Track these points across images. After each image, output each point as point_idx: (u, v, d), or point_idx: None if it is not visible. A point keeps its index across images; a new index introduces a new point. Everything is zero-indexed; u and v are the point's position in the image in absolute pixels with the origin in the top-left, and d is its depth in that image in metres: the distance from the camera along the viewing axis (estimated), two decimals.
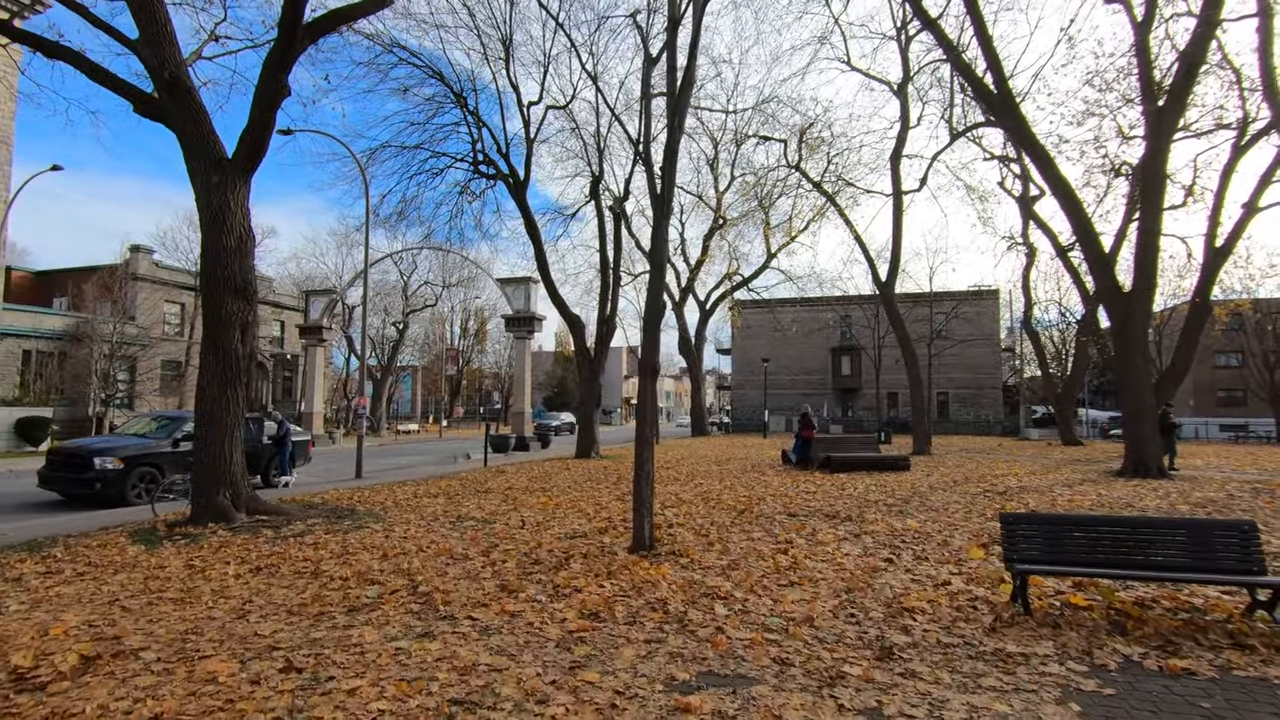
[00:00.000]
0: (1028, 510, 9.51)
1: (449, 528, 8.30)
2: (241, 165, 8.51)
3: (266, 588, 5.70)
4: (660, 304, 7.04)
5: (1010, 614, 4.77)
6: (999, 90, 14.92)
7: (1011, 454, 23.34)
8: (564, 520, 8.77)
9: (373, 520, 8.87)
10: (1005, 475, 14.82)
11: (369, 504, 10.55)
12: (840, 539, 7.55)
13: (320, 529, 8.23)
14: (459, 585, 5.62)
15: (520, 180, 19.38)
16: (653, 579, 5.75)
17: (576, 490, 12.26)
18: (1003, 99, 14.88)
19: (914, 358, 22.26)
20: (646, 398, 7.03)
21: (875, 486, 12.55)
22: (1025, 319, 31.43)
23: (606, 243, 21.26)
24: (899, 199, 21.95)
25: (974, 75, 15.93)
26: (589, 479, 14.31)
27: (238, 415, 8.61)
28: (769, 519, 8.88)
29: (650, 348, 7.04)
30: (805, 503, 10.40)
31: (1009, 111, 14.83)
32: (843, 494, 11.46)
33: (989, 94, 15.62)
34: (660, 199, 7.09)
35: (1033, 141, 14.93)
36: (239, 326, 8.57)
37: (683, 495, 11.30)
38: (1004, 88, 14.88)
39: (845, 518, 8.94)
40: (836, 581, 5.75)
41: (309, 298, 34.00)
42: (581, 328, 21.05)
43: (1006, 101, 14.87)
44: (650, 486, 6.94)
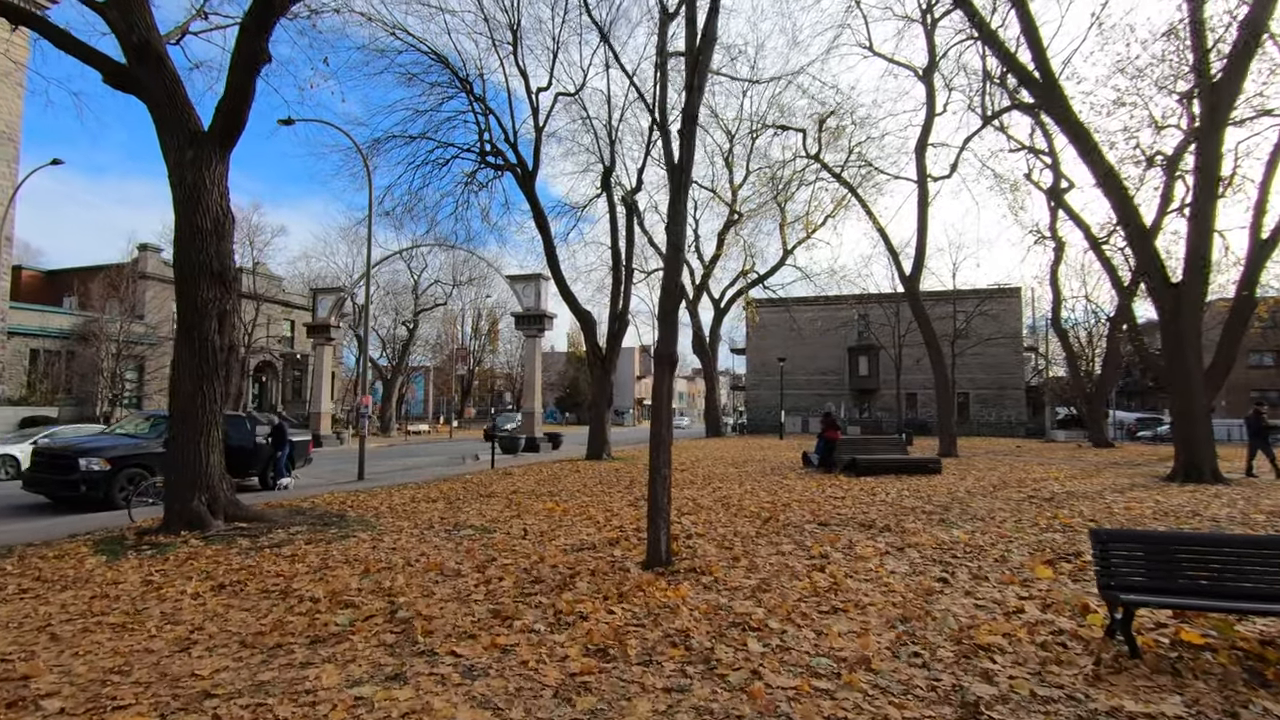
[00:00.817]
0: (1083, 519, 8.58)
1: (444, 537, 7.52)
2: (218, 139, 7.79)
3: (224, 611, 4.93)
4: (678, 287, 6.21)
5: (1112, 655, 3.89)
6: (1040, 69, 13.95)
7: (1043, 456, 22.26)
8: (571, 529, 7.96)
9: (362, 528, 8.11)
10: (1045, 479, 13.83)
11: (362, 509, 9.80)
12: (882, 553, 6.68)
13: (302, 538, 7.47)
14: (445, 610, 4.82)
15: (529, 170, 18.63)
16: (671, 603, 4.92)
17: (586, 495, 11.45)
18: (1044, 78, 13.92)
19: (940, 356, 21.26)
20: (663, 393, 6.20)
21: (908, 492, 11.63)
22: (1053, 316, 30.26)
23: (619, 236, 20.47)
24: (924, 189, 20.97)
25: (1011, 55, 14.97)
26: (600, 482, 13.50)
27: (215, 413, 7.88)
28: (798, 529, 8.02)
29: (667, 336, 6.21)
30: (835, 510, 9.52)
31: (1051, 92, 13.86)
32: (874, 500, 10.56)
33: (1027, 74, 14.65)
34: (678, 169, 6.26)
35: (1076, 124, 13.95)
36: (216, 315, 7.84)
37: (700, 501, 10.46)
38: (1045, 66, 13.90)
39: (883, 528, 8.06)
40: (888, 608, 4.89)
41: (317, 296, 33.48)
42: (593, 325, 20.26)
43: (1048, 81, 13.91)
44: (667, 493, 6.11)
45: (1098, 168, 14.03)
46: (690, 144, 6.17)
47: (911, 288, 21.45)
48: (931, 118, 20.91)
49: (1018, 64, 14.80)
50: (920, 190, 20.98)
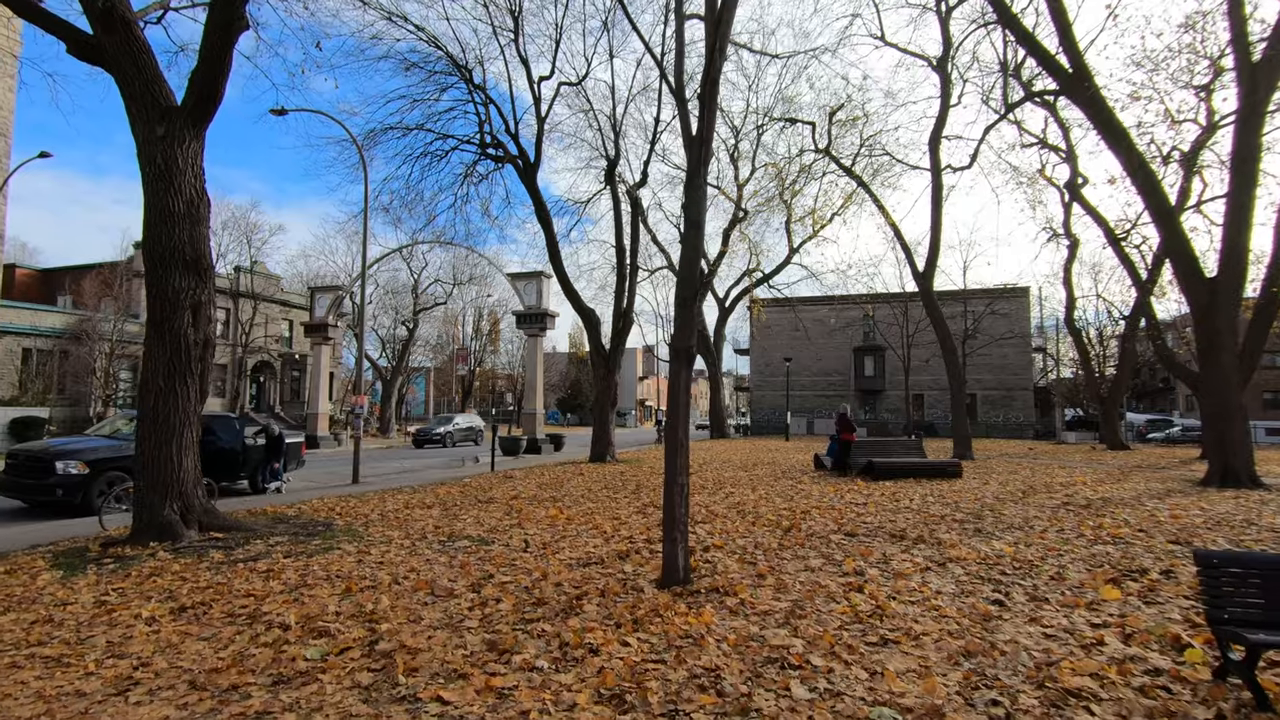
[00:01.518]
0: (1130, 529, 7.91)
1: (437, 550, 6.86)
2: (191, 114, 7.15)
3: (180, 641, 4.28)
4: (697, 270, 5.56)
5: (1233, 705, 3.22)
6: (1068, 54, 13.29)
7: (1059, 459, 21.57)
8: (576, 540, 7.30)
9: (348, 539, 7.45)
10: (1072, 484, 13.15)
11: (351, 516, 9.14)
12: (921, 569, 6.01)
13: (282, 550, 6.82)
14: (434, 640, 4.16)
15: (530, 162, 17.99)
16: (694, 632, 4.26)
17: (591, 500, 10.79)
18: (1074, 64, 13.25)
19: (954, 355, 20.59)
20: (680, 391, 5.54)
21: (932, 498, 10.96)
22: (1067, 316, 29.56)
23: (623, 231, 19.83)
24: (939, 182, 20.31)
25: (1035, 40, 14.31)
26: (605, 487, 12.84)
27: (189, 413, 7.24)
28: (823, 539, 7.35)
29: (685, 326, 5.56)
30: (859, 518, 8.85)
31: (1080, 78, 13.19)
32: (899, 507, 9.89)
33: (1052, 61, 14.00)
34: (697, 140, 5.61)
35: (1107, 113, 13.29)
36: (190, 307, 7.19)
37: (714, 508, 9.79)
38: (1074, 51, 13.24)
39: (916, 539, 7.39)
40: (945, 638, 4.22)
41: (314, 294, 32.84)
42: (596, 322, 19.61)
43: (1078, 67, 13.24)
44: (685, 503, 5.45)
45: (1129, 158, 13.37)
46: (711, 112, 5.52)
47: (925, 285, 20.77)
48: (946, 109, 20.25)
49: (1042, 49, 14.14)
50: (934, 183, 20.32)
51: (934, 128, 20.42)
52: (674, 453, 5.51)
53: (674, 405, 5.57)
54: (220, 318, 41.48)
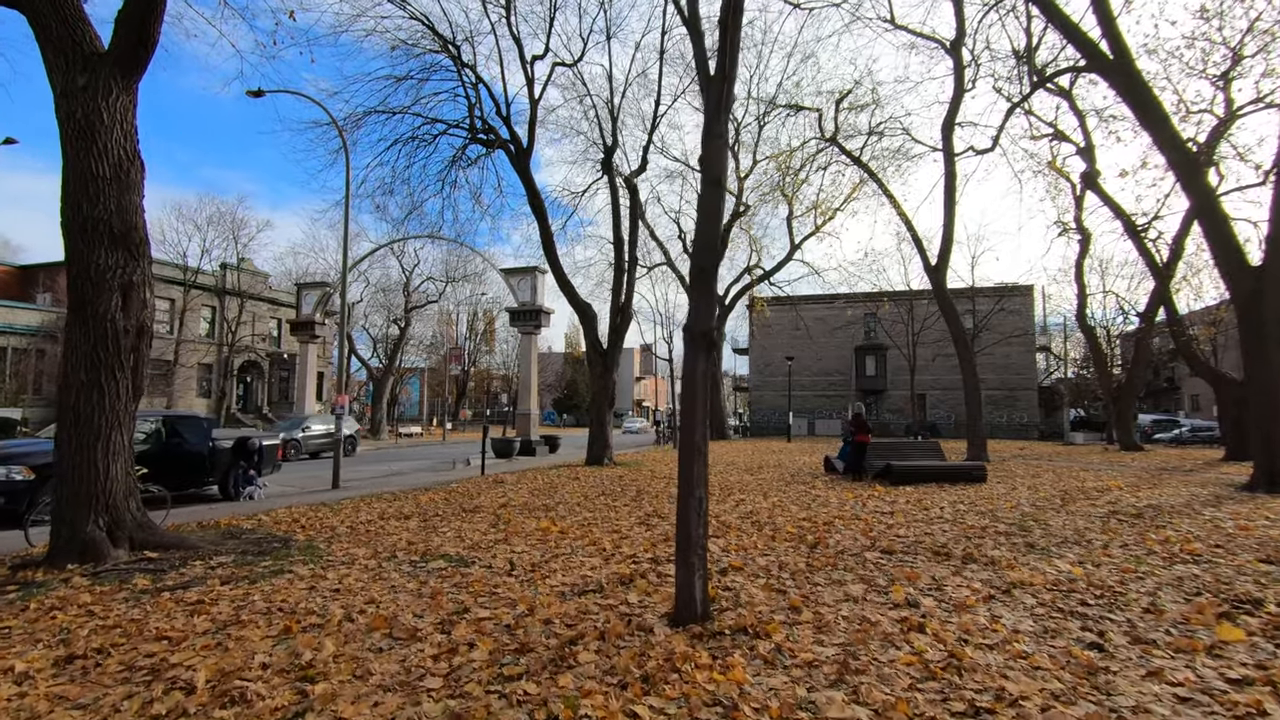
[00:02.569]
0: (1204, 544, 6.93)
1: (406, 574, 5.82)
2: (119, 62, 6.11)
3: (47, 712, 3.24)
4: (718, 236, 4.55)
5: None
6: (1105, 28, 12.34)
7: (1078, 460, 20.65)
8: (570, 560, 6.27)
9: (306, 558, 6.41)
10: (1107, 489, 12.19)
11: (317, 529, 8.10)
12: (984, 597, 5.01)
13: (222, 574, 5.78)
14: (379, 712, 3.14)
15: (523, 147, 16.97)
16: (723, 696, 3.25)
17: (587, 509, 9.77)
18: (1109, 39, 12.30)
19: (969, 353, 19.65)
20: (696, 384, 4.53)
21: (963, 505, 9.98)
22: (1078, 312, 28.67)
23: (621, 222, 18.82)
24: (952, 170, 19.36)
25: (1064, 15, 13.35)
26: (602, 493, 11.82)
27: (118, 412, 6.19)
28: (856, 558, 6.34)
29: (704, 306, 4.55)
30: (890, 530, 7.85)
31: (1119, 57, 12.24)
32: (930, 516, 8.90)
33: (1082, 36, 13.05)
34: (718, 78, 4.61)
35: (1145, 94, 12.34)
36: (119, 288, 6.15)
37: (726, 518, 8.77)
38: (1109, 24, 12.30)
39: (963, 557, 6.38)
40: (1051, 704, 3.21)
41: (301, 291, 31.80)
42: (593, 318, 18.60)
43: (1114, 41, 12.29)
44: (703, 523, 4.45)
45: (1168, 142, 12.44)
46: (734, 42, 4.51)
47: (938, 278, 19.82)
48: (960, 94, 19.30)
49: (1072, 24, 13.18)
50: (948, 171, 19.37)
51: (947, 113, 19.48)
52: (690, 459, 4.50)
53: (690, 401, 4.55)
54: (205, 316, 40.35)
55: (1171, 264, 22.89)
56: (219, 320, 40.40)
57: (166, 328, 37.57)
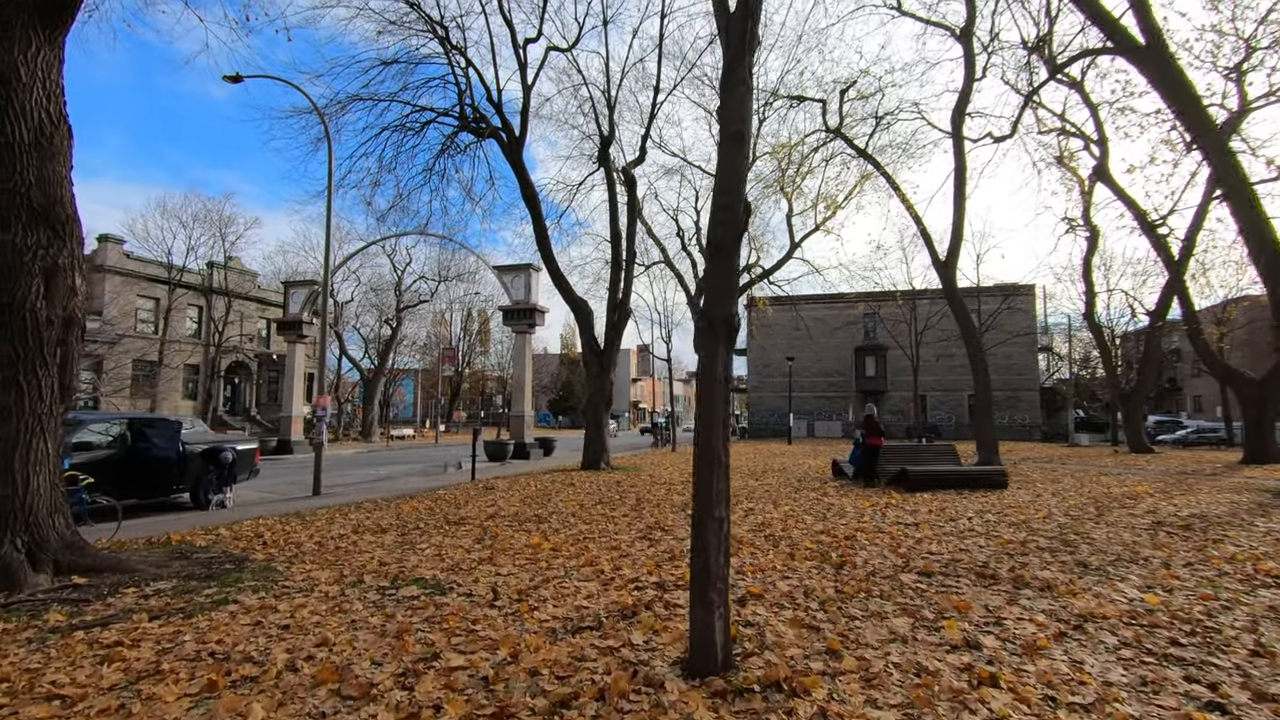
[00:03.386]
0: (1277, 562, 6.16)
1: (372, 603, 5.00)
2: (40, 10, 5.28)
3: None
4: (739, 203, 3.76)
5: None
6: (1137, 10, 11.60)
7: (1093, 463, 19.92)
8: (564, 585, 5.45)
9: (258, 584, 5.57)
10: (1137, 495, 11.44)
11: (280, 545, 7.25)
12: (1054, 635, 4.22)
13: (156, 605, 4.94)
14: None
15: (515, 137, 16.15)
16: None
17: (583, 520, 8.95)
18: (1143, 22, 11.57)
19: (980, 350, 18.89)
20: (716, 379, 3.73)
21: (991, 515, 9.20)
22: (1087, 311, 27.97)
23: (618, 215, 18.02)
24: (962, 161, 18.62)
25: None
26: (599, 501, 11.00)
27: (41, 415, 5.36)
28: (891, 581, 5.55)
29: (723, 285, 3.76)
30: (920, 545, 7.06)
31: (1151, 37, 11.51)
32: (960, 529, 8.12)
33: (1108, 18, 12.32)
34: (738, 15, 3.82)
35: (1179, 77, 11.62)
36: (40, 272, 5.32)
37: (736, 531, 7.97)
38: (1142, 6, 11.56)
39: (1012, 579, 5.59)
40: None
41: (288, 289, 30.84)
42: (589, 316, 17.79)
43: (1147, 24, 11.55)
44: (726, 550, 3.64)
45: (1201, 126, 11.72)
46: None
47: (947, 274, 19.07)
48: (971, 83, 18.56)
49: (1107, 15, 12.45)
50: (958, 163, 18.63)
51: (957, 103, 18.74)
52: (709, 472, 3.69)
53: (708, 401, 3.75)
54: (192, 316, 39.39)
55: (1184, 259, 22.22)
56: (206, 320, 39.43)
57: (151, 328, 36.61)
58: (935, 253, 19.52)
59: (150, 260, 36.07)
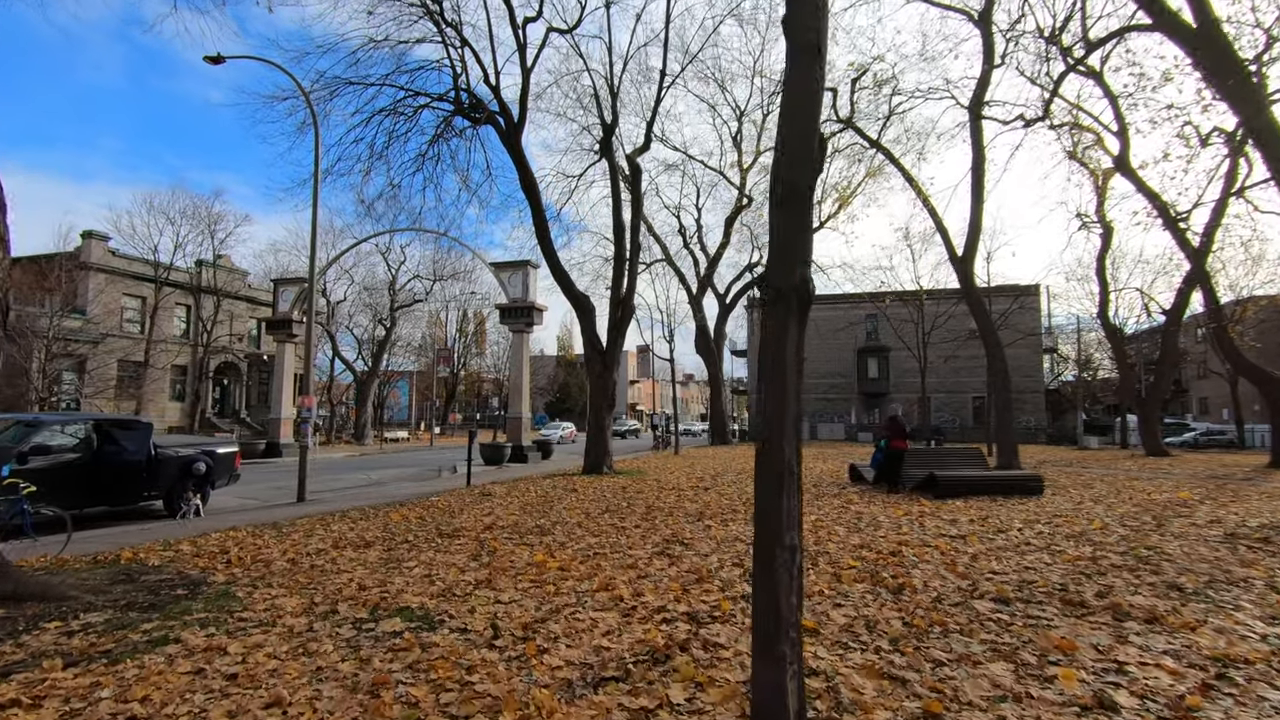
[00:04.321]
0: None
1: (344, 643, 4.10)
2: None
3: None
4: (814, 134, 2.90)
5: None
6: None
7: (1115, 467, 19.13)
8: (576, 616, 4.56)
9: (211, 614, 4.67)
10: (1182, 502, 10.62)
11: (247, 564, 6.34)
12: (1198, 687, 3.36)
13: (79, 645, 4.04)
14: None
15: (514, 122, 15.29)
16: None
17: (591, 532, 8.06)
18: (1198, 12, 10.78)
19: (999, 349, 18.10)
20: (787, 363, 2.88)
21: (1042, 525, 8.35)
22: (1100, 310, 27.25)
23: (621, 207, 17.16)
24: (981, 154, 17.85)
25: None
26: (606, 510, 10.11)
27: None
28: (964, 609, 4.68)
29: (796, 241, 2.90)
30: (977, 563, 6.20)
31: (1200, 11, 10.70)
32: (1011, 542, 7.26)
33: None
34: None
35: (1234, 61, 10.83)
36: None
37: None
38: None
39: (1106, 607, 4.73)
40: None
41: (278, 287, 29.91)
42: (591, 312, 16.92)
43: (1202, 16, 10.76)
44: (799, 588, 2.77)
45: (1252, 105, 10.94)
46: None
47: (965, 269, 18.26)
48: (990, 70, 17.79)
49: None
50: (976, 154, 17.86)
51: (975, 91, 17.97)
52: (778, 487, 2.82)
53: (777, 392, 2.89)
54: (180, 315, 38.37)
55: (1204, 250, 21.50)
56: (194, 320, 38.41)
57: (137, 327, 35.58)
58: (952, 247, 18.72)
59: (136, 258, 35.06)
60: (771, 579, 2.78)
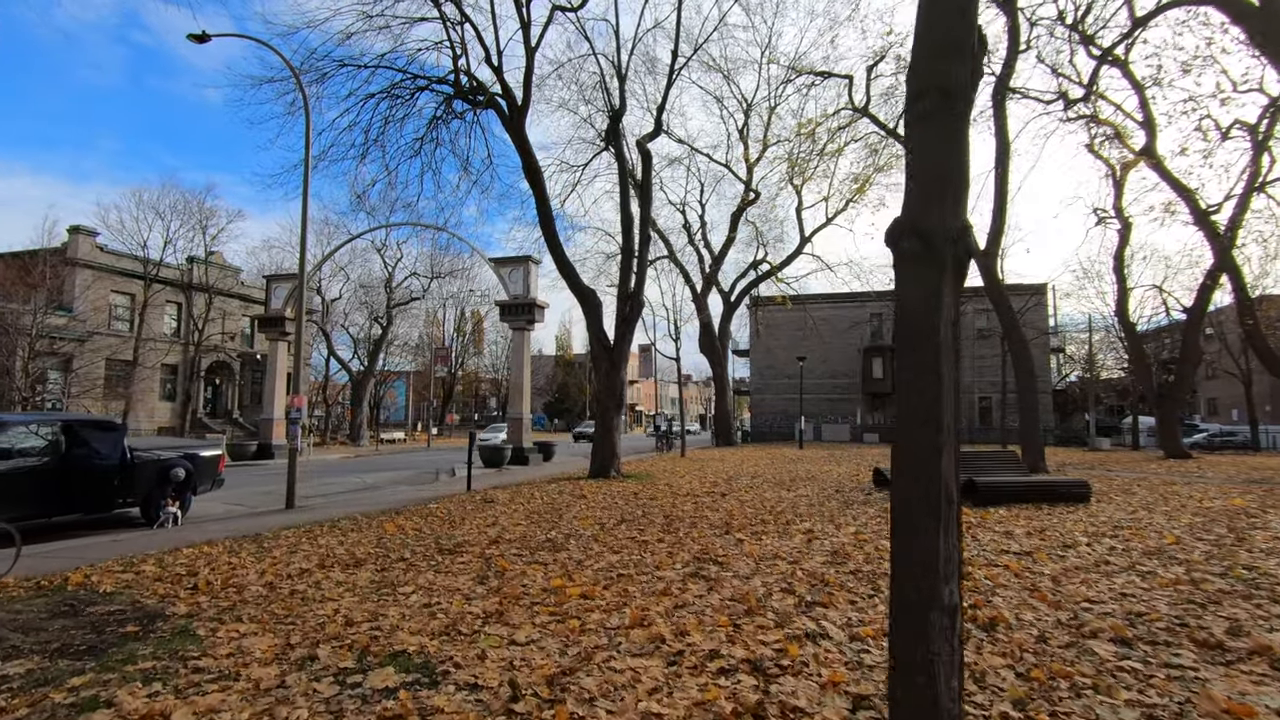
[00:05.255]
0: None
1: (323, 705, 3.25)
2: None
3: None
4: (975, 5, 2.06)
5: None
6: None
7: (1142, 470, 18.34)
8: (612, 667, 3.71)
9: (159, 663, 3.81)
10: (1247, 511, 9.82)
11: (216, 590, 5.47)
12: None
13: None
14: None
15: (517, 105, 14.44)
16: None
17: (609, 547, 7.21)
18: None
19: (1025, 348, 17.33)
20: (937, 338, 2.03)
21: (1108, 538, 7.52)
22: (1118, 308, 26.47)
23: (629, 197, 16.32)
24: (1004, 141, 17.06)
25: None
26: (621, 520, 9.27)
27: None
28: (1078, 650, 3.85)
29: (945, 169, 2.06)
30: (1057, 585, 5.37)
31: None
32: (1084, 560, 6.43)
33: None
34: None
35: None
36: None
37: (810, 564, 6.23)
38: None
39: (1252, 650, 3.90)
40: None
41: (270, 284, 29.00)
42: (597, 305, 16.07)
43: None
44: (960, 667, 1.94)
45: None
46: None
47: (988, 263, 17.46)
48: (1015, 55, 17.01)
49: None
50: (999, 142, 17.07)
51: (999, 76, 17.17)
52: (930, 520, 1.98)
53: (927, 382, 2.06)
54: (171, 313, 37.43)
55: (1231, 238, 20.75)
56: (185, 318, 37.46)
57: (126, 325, 34.64)
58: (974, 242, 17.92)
59: (125, 254, 34.11)
60: (922, 655, 1.94)
